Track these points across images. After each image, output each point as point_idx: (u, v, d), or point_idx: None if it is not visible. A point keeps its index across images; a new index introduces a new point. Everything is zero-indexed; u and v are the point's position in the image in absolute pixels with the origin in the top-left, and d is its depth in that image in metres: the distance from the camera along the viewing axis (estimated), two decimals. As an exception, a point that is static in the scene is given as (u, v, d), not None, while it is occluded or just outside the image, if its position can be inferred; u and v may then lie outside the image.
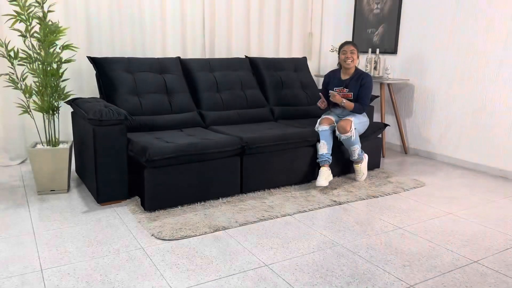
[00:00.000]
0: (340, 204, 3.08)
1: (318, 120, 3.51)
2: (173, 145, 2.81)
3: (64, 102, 3.44)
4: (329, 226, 2.70)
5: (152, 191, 2.80)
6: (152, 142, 2.90)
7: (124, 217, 2.77)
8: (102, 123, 2.83)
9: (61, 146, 3.21)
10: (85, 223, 2.68)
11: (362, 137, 3.62)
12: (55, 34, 3.08)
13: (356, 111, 3.46)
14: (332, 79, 3.63)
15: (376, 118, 4.98)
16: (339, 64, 3.59)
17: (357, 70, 3.55)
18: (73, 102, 3.37)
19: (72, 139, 4.05)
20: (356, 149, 3.45)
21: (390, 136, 4.86)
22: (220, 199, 3.09)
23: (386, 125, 3.84)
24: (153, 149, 2.74)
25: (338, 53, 3.55)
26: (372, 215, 2.89)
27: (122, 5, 4.11)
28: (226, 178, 3.08)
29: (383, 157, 4.44)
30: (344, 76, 3.57)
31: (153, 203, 2.83)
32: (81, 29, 3.99)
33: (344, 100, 3.41)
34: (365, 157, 3.60)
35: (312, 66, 5.48)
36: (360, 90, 3.48)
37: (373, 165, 3.90)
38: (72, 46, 3.21)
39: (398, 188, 3.43)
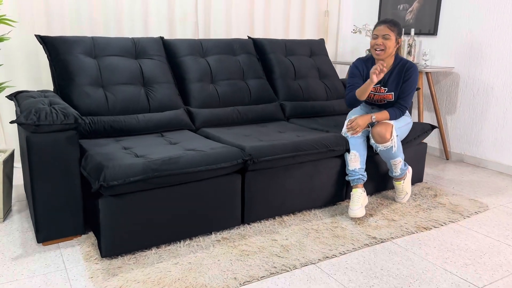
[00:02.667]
0: (382, 242, 2.19)
1: (346, 122, 2.60)
2: (142, 163, 1.91)
3: (6, 97, 2.55)
4: (374, 285, 1.81)
5: (112, 230, 1.92)
6: (113, 157, 2.00)
7: (71, 268, 1.89)
8: (39, 129, 1.94)
9: (-7, 158, 2.32)
10: (10, 279, 1.79)
11: (404, 142, 2.72)
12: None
13: (393, 118, 2.54)
14: (362, 73, 2.66)
15: (413, 115, 4.06)
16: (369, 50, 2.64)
17: (397, 59, 2.59)
18: (15, 97, 2.47)
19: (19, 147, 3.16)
20: (399, 163, 2.55)
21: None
22: (213, 234, 2.21)
23: (434, 127, 2.93)
24: (112, 169, 1.85)
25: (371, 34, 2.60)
26: (431, 262, 2.00)
27: (90, -30, 3.19)
28: (221, 205, 2.19)
29: (421, 164, 3.54)
30: None
31: (114, 247, 1.94)
32: (37, 2, 3.07)
33: (374, 116, 2.50)
34: (409, 171, 2.70)
35: (328, 50, 4.55)
36: (403, 86, 2.55)
37: (415, 178, 3.00)
38: (7, 20, 2.30)
39: (455, 213, 2.54)
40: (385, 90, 2.57)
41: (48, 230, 2.05)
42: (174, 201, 2.05)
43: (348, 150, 2.52)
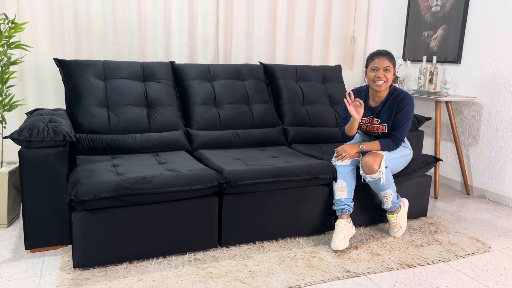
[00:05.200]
0: (356, 276, 2.11)
1: (336, 150, 2.56)
2: (115, 181, 2.02)
3: (26, 114, 2.81)
4: (326, 320, 1.76)
5: (84, 242, 2.03)
6: (94, 174, 2.14)
7: (45, 276, 2.02)
8: (31, 144, 2.12)
9: (2, 169, 2.56)
10: (-11, 281, 1.96)
11: (402, 174, 2.63)
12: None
13: (384, 149, 2.47)
14: None
15: (428, 146, 3.90)
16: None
17: (391, 90, 2.53)
18: (31, 114, 2.72)
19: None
20: (389, 195, 2.46)
21: (447, 169, 3.75)
22: (188, 254, 2.26)
23: (438, 159, 2.80)
24: (85, 185, 1.97)
25: (366, 67, 2.52)
26: (400, 302, 1.90)
27: (117, 1, 3.44)
28: (197, 226, 2.24)
29: (436, 198, 3.36)
30: (373, 102, 2.56)
31: (85, 258, 2.05)
32: (68, 28, 3.36)
33: (363, 144, 2.47)
34: (404, 204, 2.59)
35: (354, 76, 4.50)
36: (396, 117, 2.48)
37: (417, 212, 2.86)
38: (22, 45, 2.56)
39: (449, 253, 2.39)
40: (377, 121, 2.52)
41: (35, 239, 2.20)
42: (149, 220, 2.13)
43: (335, 179, 2.48)
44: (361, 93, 2.62)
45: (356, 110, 2.41)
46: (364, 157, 2.41)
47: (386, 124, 2.51)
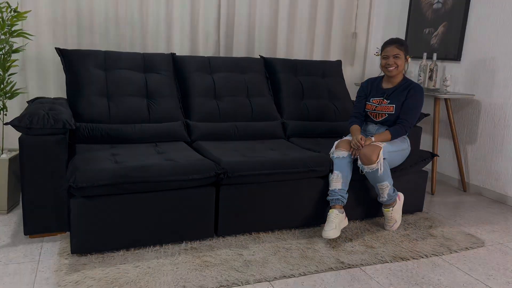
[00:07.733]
0: (349, 267, 2.14)
1: (335, 143, 2.59)
2: (112, 169, 2.05)
3: (27, 102, 2.83)
4: (318, 308, 1.79)
5: (81, 229, 2.06)
6: (92, 161, 2.16)
7: (44, 261, 2.05)
8: (31, 131, 2.15)
9: (3, 156, 2.59)
10: (-12, 264, 1.99)
11: (399, 169, 2.65)
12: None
13: (395, 136, 2.56)
14: (371, 89, 2.76)
15: (426, 143, 3.92)
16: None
17: (405, 79, 2.67)
18: (32, 102, 2.75)
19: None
20: (385, 188, 2.48)
21: (445, 165, 3.77)
22: (184, 243, 2.28)
23: (434, 155, 2.82)
24: (83, 172, 2.00)
25: (380, 55, 2.68)
26: (391, 294, 1.93)
27: (118, -10, 3.46)
28: (194, 216, 2.27)
29: (433, 194, 3.38)
30: (386, 85, 2.70)
31: (83, 245, 2.08)
32: (70, 18, 3.38)
33: (373, 138, 2.50)
34: (400, 198, 2.61)
35: (355, 72, 4.52)
36: (405, 103, 2.58)
37: (413, 207, 2.88)
38: (24, 33, 2.58)
39: (442, 247, 2.41)
40: (387, 102, 2.61)
41: (34, 225, 2.23)
42: (146, 208, 2.16)
43: (331, 171, 2.50)
44: (375, 81, 2.77)
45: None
46: (363, 148, 2.44)
47: (394, 105, 2.59)
